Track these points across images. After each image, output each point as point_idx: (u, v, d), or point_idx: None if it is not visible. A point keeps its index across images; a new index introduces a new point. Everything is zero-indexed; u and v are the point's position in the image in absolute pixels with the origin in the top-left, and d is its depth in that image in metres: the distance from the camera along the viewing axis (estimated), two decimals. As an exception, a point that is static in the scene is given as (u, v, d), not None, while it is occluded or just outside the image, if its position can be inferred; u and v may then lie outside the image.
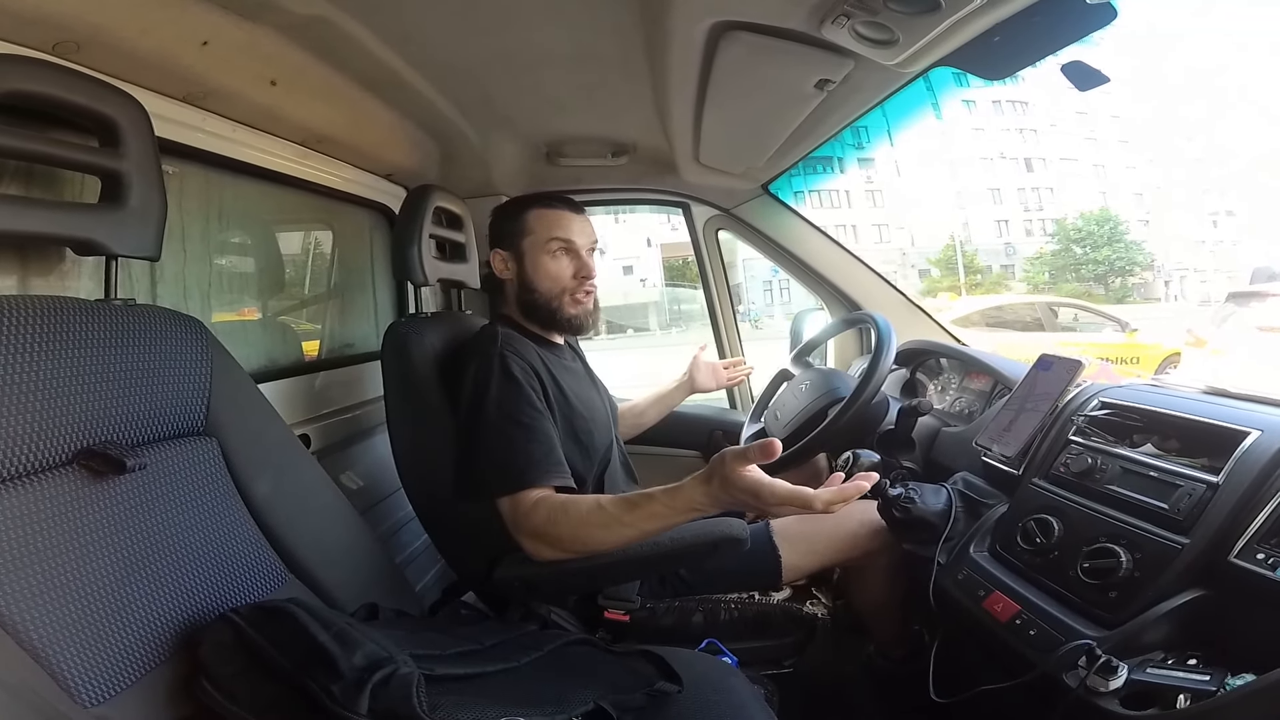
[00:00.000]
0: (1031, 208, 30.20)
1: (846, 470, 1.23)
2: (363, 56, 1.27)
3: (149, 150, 0.91)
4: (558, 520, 1.09)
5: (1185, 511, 0.94)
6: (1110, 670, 0.84)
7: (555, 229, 1.35)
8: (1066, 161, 31.00)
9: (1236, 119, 36.34)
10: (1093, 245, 27.86)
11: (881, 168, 29.60)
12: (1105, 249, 27.59)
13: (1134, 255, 28.27)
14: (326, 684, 0.68)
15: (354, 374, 1.75)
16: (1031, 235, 29.72)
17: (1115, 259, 27.56)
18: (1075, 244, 28.30)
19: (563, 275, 1.35)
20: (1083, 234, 28.26)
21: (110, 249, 0.88)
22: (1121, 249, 27.88)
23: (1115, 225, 28.16)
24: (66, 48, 0.94)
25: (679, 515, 1.02)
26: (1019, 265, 29.24)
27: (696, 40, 1.14)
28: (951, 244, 28.75)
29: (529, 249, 1.36)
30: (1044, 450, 1.21)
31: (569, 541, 1.09)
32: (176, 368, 0.91)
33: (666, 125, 1.67)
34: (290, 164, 1.50)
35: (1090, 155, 31.63)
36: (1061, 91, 29.29)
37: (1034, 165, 30.49)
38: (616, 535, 1.05)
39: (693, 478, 0.99)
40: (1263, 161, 33.66)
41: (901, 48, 1.02)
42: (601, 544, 1.07)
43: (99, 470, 0.78)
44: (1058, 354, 1.34)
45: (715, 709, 0.92)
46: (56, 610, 0.70)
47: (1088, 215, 28.70)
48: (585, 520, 1.07)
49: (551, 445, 1.18)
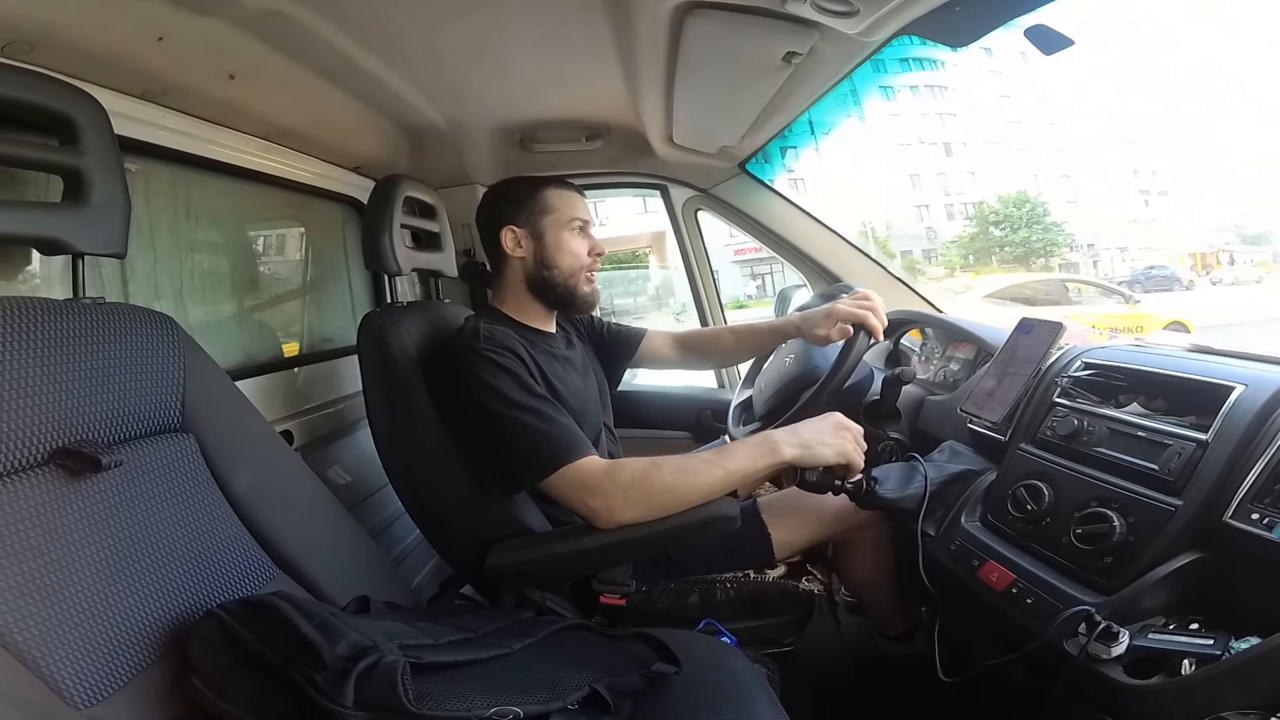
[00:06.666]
0: (953, 192, 29.91)
1: (797, 476, 1.20)
2: (322, 47, 1.25)
3: (109, 146, 0.90)
4: (649, 473, 1.11)
5: (1176, 472, 0.92)
6: (1111, 636, 0.83)
7: (576, 209, 1.39)
8: (990, 145, 30.96)
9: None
10: (1011, 228, 27.59)
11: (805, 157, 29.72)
12: (1023, 230, 27.30)
13: (1054, 237, 28.00)
14: (311, 675, 0.67)
15: (334, 368, 1.74)
16: (953, 219, 29.45)
17: (1034, 240, 27.29)
18: (994, 226, 28.01)
19: (582, 253, 1.39)
20: (1000, 216, 27.99)
21: (75, 247, 0.87)
22: (1040, 231, 27.60)
23: (1035, 207, 27.85)
24: (18, 49, 0.93)
25: (759, 449, 1.13)
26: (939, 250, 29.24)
27: (662, 19, 1.14)
28: (864, 230, 28.35)
29: (550, 226, 1.37)
30: (1029, 414, 1.20)
31: (660, 492, 1.10)
32: (149, 364, 0.90)
33: (639, 106, 1.66)
34: (256, 159, 1.49)
35: (1016, 138, 31.66)
36: (983, 75, 29.69)
37: (953, 150, 30.29)
38: (709, 480, 1.11)
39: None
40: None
41: (863, 16, 1.02)
42: (695, 488, 1.11)
43: (75, 469, 0.77)
44: (1038, 318, 1.33)
45: (714, 689, 0.92)
46: (41, 612, 0.69)
47: (1005, 198, 28.42)
48: (682, 469, 1.12)
49: (570, 419, 1.19)
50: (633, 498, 1.10)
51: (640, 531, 1.12)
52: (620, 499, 1.10)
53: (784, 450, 1.12)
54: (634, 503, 1.10)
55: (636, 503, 1.10)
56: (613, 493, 1.10)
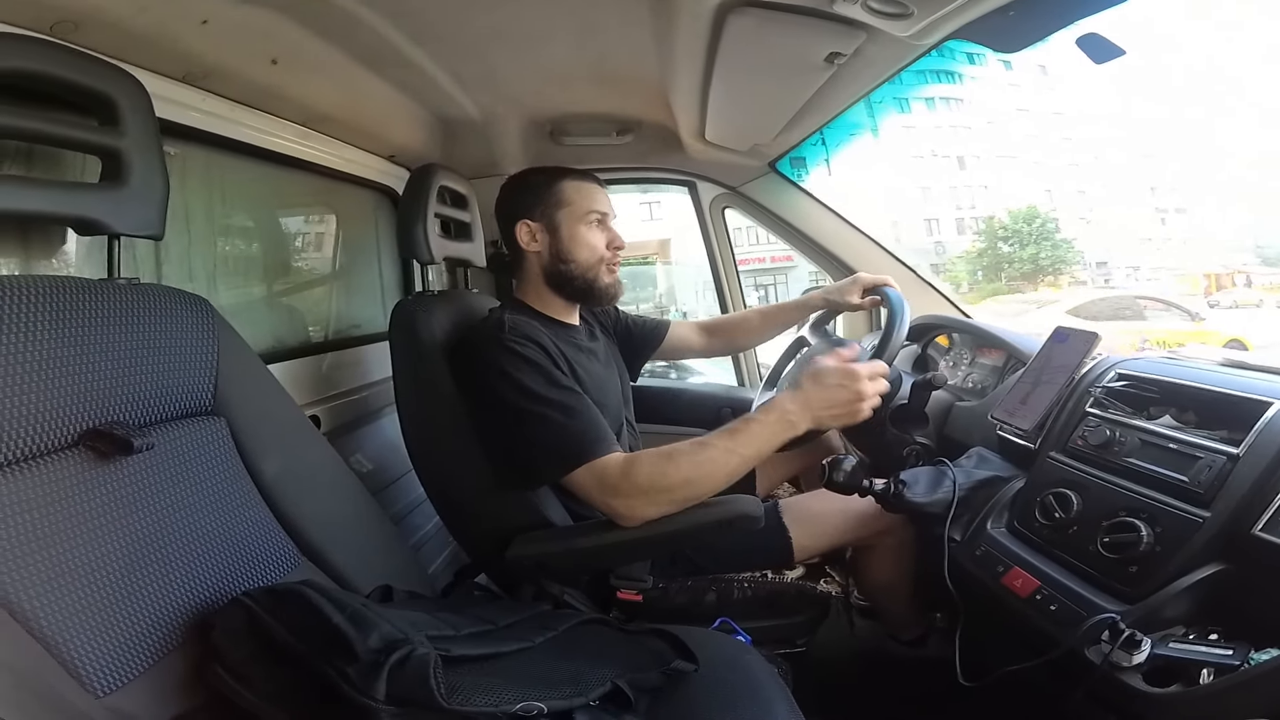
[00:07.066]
0: (964, 205, 29.22)
1: (825, 477, 1.21)
2: (364, 34, 1.26)
3: (149, 128, 0.89)
4: (666, 470, 1.10)
5: (1206, 484, 0.92)
6: (1134, 645, 0.83)
7: (593, 201, 1.36)
8: (1005, 159, 30.26)
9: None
10: (1020, 243, 26.94)
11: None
12: (1031, 247, 26.62)
13: (1063, 254, 27.27)
14: (342, 667, 0.67)
15: (362, 355, 1.75)
16: (963, 233, 28.79)
17: (1042, 257, 26.62)
18: (1002, 242, 27.35)
19: (600, 246, 1.36)
20: (1009, 232, 27.35)
21: (112, 228, 0.87)
22: (1049, 248, 26.93)
23: (1045, 223, 27.26)
24: (64, 28, 0.93)
25: (775, 428, 1.11)
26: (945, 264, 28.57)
27: (704, 16, 1.12)
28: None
29: (566, 220, 1.34)
30: (1061, 423, 1.19)
31: (680, 487, 1.10)
32: (182, 346, 0.90)
33: (673, 102, 1.65)
34: (292, 144, 1.49)
35: (1031, 152, 30.89)
36: (1001, 88, 29.07)
37: (967, 163, 29.53)
38: (727, 468, 1.11)
39: (782, 393, 1.12)
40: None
41: (915, 20, 1.00)
42: (713, 479, 1.11)
43: (105, 451, 0.77)
44: (1073, 326, 1.32)
45: (731, 687, 0.92)
46: (65, 597, 0.69)
47: (1015, 213, 27.77)
48: (697, 462, 1.10)
49: (596, 412, 1.19)
50: (653, 496, 1.10)
51: (663, 528, 1.12)
52: (641, 499, 1.10)
53: (800, 425, 1.12)
54: (655, 500, 1.10)
55: (658, 500, 1.10)
56: (632, 493, 1.10)
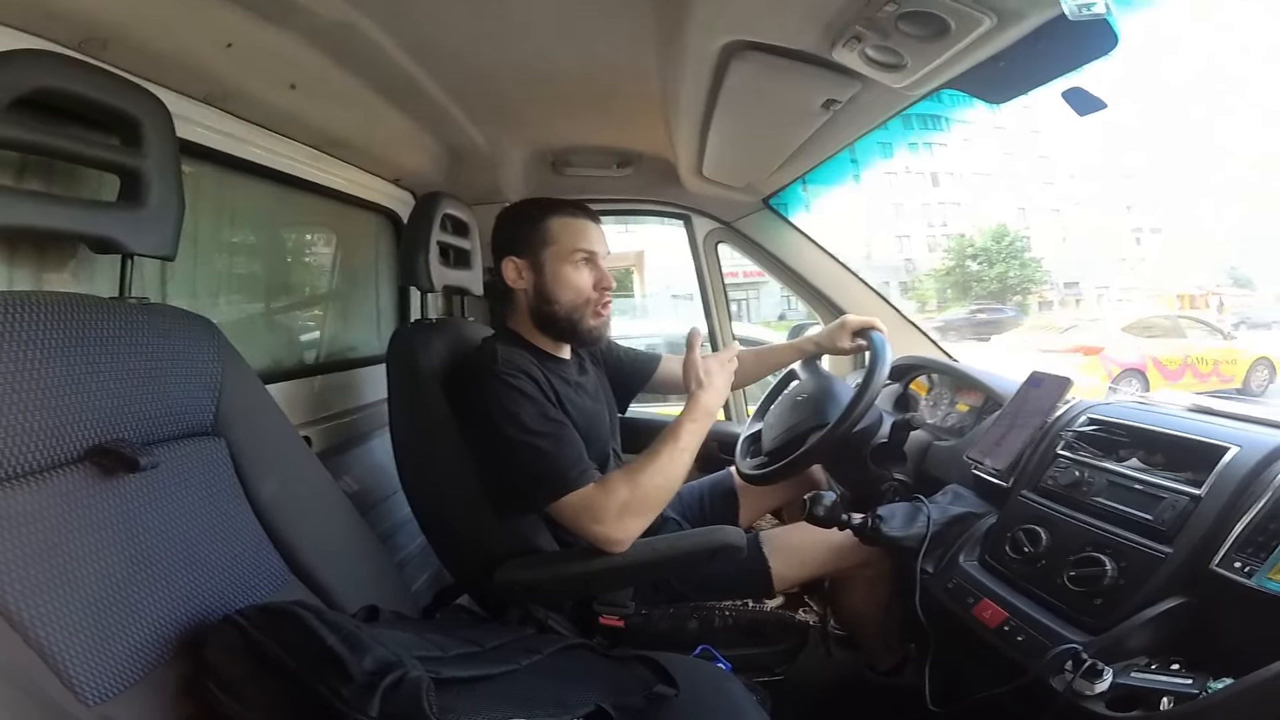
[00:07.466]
0: (935, 222, 29.31)
1: (805, 510, 1.25)
2: (383, 62, 1.27)
3: (170, 150, 0.91)
4: (637, 481, 1.17)
5: (1169, 522, 0.97)
6: (1096, 674, 0.87)
7: (580, 239, 1.32)
8: (979, 176, 30.14)
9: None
10: (988, 261, 26.86)
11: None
12: (1000, 265, 26.53)
13: (1030, 273, 27.28)
14: (337, 687, 0.68)
15: (355, 377, 1.75)
16: (934, 251, 28.85)
17: (1009, 276, 26.55)
18: (970, 260, 27.30)
19: (585, 287, 1.32)
20: (977, 250, 27.23)
21: (127, 247, 0.88)
22: (1017, 266, 26.86)
23: (1014, 241, 27.11)
24: (93, 45, 0.94)
25: (704, 421, 1.25)
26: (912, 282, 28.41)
27: (709, 58, 1.15)
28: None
29: (551, 259, 1.31)
30: (1034, 464, 1.24)
31: (654, 499, 1.19)
32: (188, 367, 0.91)
33: (674, 139, 1.68)
34: (302, 166, 1.51)
35: (1008, 170, 30.81)
36: (977, 105, 28.89)
37: (940, 180, 29.61)
38: (680, 465, 1.21)
39: (692, 395, 1.26)
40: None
41: (909, 71, 1.04)
42: (677, 481, 1.22)
43: (110, 468, 0.78)
44: (1048, 371, 1.37)
45: (712, 713, 0.95)
46: (63, 607, 0.70)
47: (985, 231, 27.64)
48: (657, 469, 1.19)
49: (580, 444, 1.22)
50: (633, 508, 1.16)
51: (649, 556, 1.16)
52: (625, 517, 1.16)
53: (715, 409, 1.27)
54: (635, 512, 1.16)
55: (637, 511, 1.17)
56: (617, 514, 1.15)
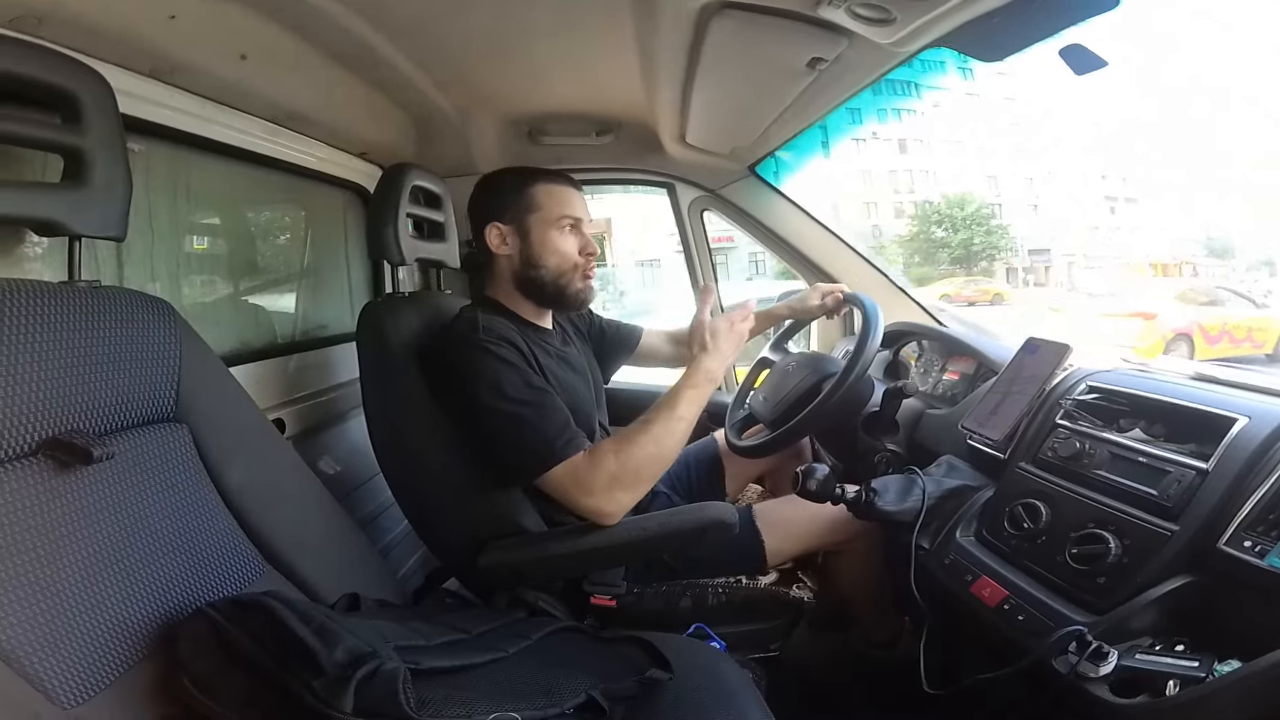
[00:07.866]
0: (902, 189, 28.91)
1: (798, 485, 1.22)
2: (336, 30, 1.23)
3: (113, 126, 0.87)
4: (630, 453, 1.15)
5: (1174, 498, 0.93)
6: (1100, 656, 0.84)
7: (566, 206, 1.34)
8: (949, 143, 29.70)
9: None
10: (952, 228, 26.75)
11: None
12: (964, 232, 26.42)
13: (995, 240, 27.12)
14: (308, 680, 0.66)
15: (329, 356, 1.72)
16: (901, 217, 28.56)
17: (974, 243, 26.49)
18: (935, 226, 27.17)
19: (572, 252, 1.34)
20: (942, 217, 27.11)
21: (73, 229, 0.84)
22: (982, 233, 26.75)
23: (979, 209, 26.96)
24: (27, 23, 0.90)
25: (704, 388, 1.22)
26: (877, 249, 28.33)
27: (687, 17, 1.12)
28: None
29: (537, 224, 1.32)
30: (1031, 434, 1.21)
31: (646, 470, 1.17)
32: (144, 351, 0.88)
33: (653, 103, 1.65)
34: (261, 142, 1.46)
35: (980, 138, 30.39)
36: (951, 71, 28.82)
37: (908, 146, 29.20)
38: (677, 434, 1.18)
39: (696, 356, 1.23)
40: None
41: (898, 26, 1.01)
42: (672, 452, 1.19)
43: (65, 461, 0.75)
44: (1044, 337, 1.33)
45: (706, 694, 0.93)
46: (25, 609, 0.68)
47: (949, 198, 27.53)
48: (651, 438, 1.16)
49: (567, 412, 1.20)
50: (624, 480, 1.14)
51: (639, 534, 1.14)
52: (616, 488, 1.14)
53: (718, 374, 1.24)
54: (627, 485, 1.15)
55: (629, 483, 1.15)
56: (607, 485, 1.13)
